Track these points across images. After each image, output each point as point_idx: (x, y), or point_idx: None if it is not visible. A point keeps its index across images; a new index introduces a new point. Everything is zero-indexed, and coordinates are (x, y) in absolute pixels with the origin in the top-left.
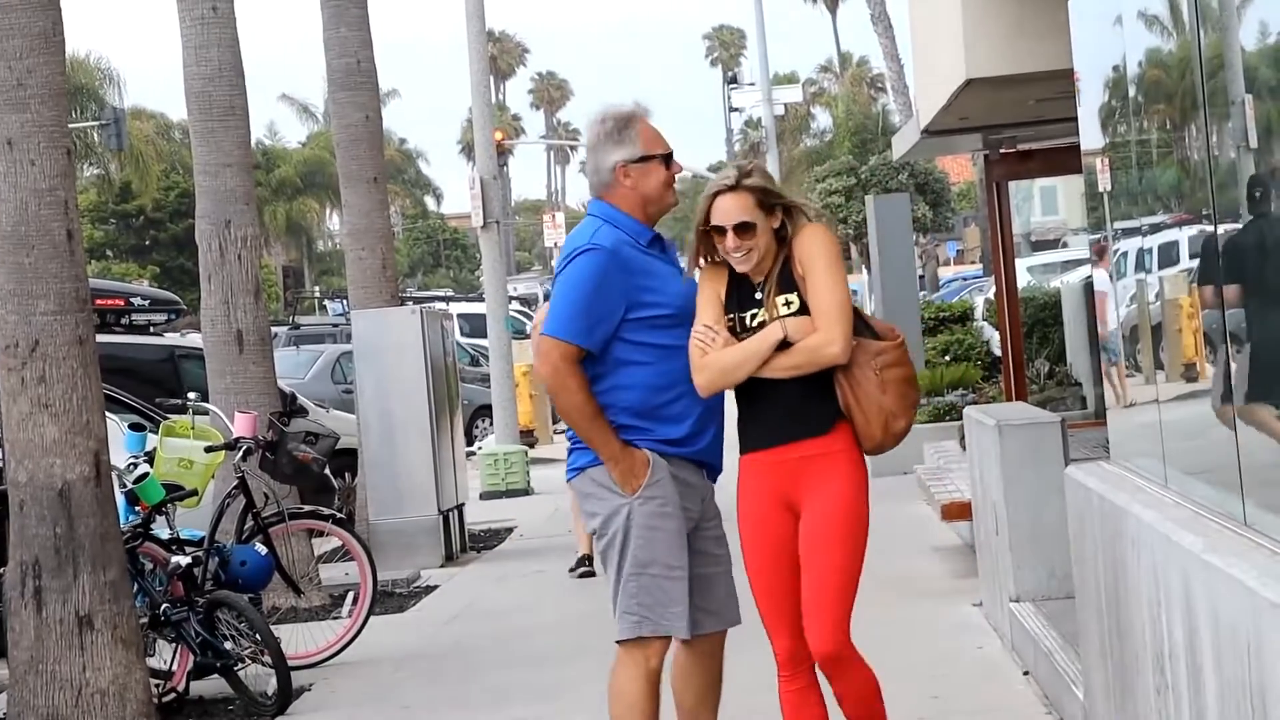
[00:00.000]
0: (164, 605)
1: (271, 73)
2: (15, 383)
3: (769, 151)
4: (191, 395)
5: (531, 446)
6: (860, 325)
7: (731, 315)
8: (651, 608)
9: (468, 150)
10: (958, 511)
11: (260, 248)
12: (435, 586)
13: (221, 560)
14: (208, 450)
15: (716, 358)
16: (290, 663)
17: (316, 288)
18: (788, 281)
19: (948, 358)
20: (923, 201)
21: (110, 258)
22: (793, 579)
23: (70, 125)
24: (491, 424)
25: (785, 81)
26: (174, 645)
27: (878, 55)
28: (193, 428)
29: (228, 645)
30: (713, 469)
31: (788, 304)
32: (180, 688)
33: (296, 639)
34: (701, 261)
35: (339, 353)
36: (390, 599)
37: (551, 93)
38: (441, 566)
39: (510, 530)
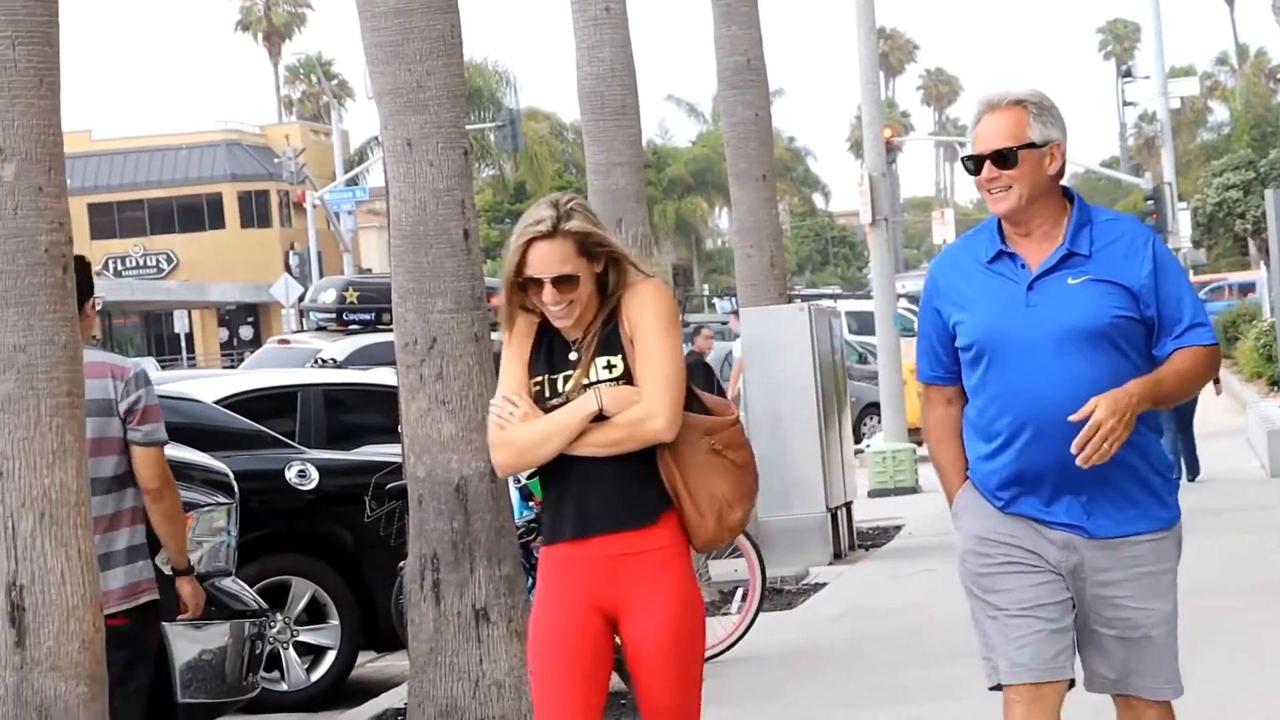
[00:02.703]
0: None
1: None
2: (414, 379)
3: (1164, 146)
4: None
5: (920, 444)
6: (690, 399)
7: (539, 378)
8: None
9: (856, 147)
10: None
11: (650, 246)
12: (823, 584)
13: None
14: None
15: (517, 432)
16: None
17: (705, 286)
18: (612, 342)
19: None
20: None
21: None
22: (590, 694)
23: (468, 127)
24: (879, 421)
25: (1181, 74)
26: None
27: (1278, 46)
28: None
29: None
30: None
31: (609, 368)
32: None
33: None
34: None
35: (727, 350)
36: (779, 596)
37: (940, 89)
38: (830, 564)
39: (899, 528)
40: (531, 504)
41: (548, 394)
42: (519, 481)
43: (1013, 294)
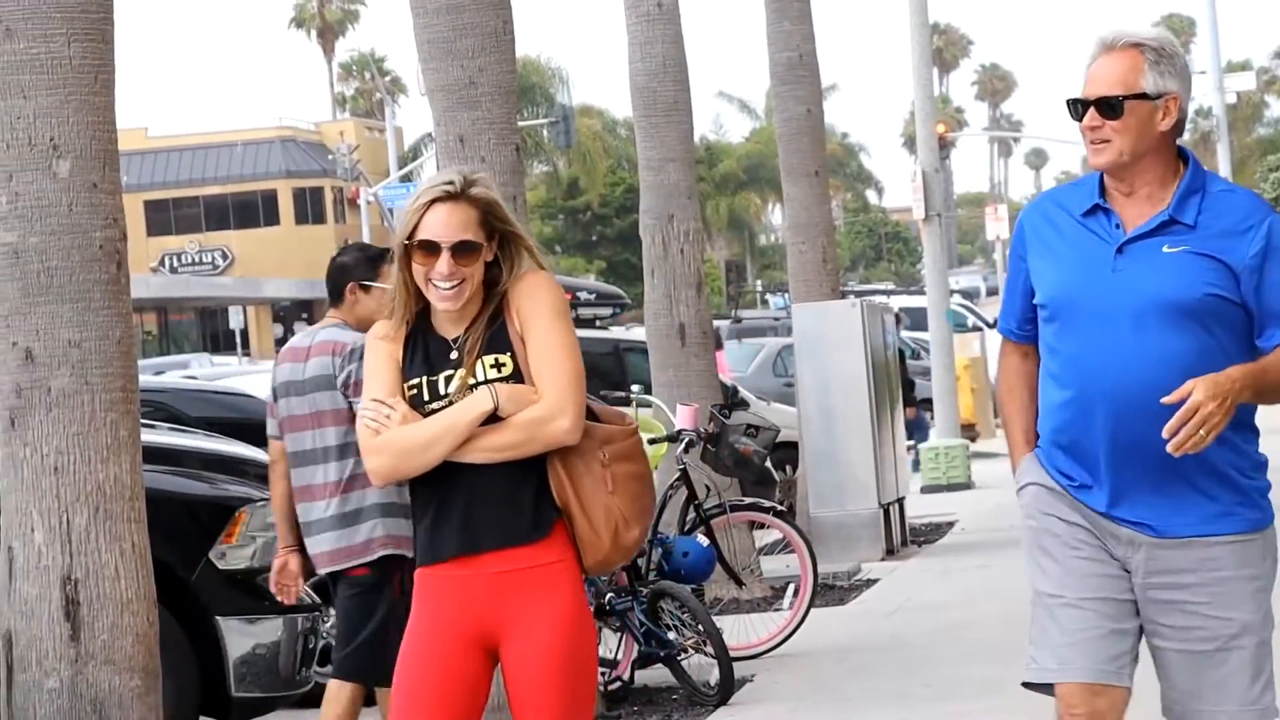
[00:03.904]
0: (609, 595)
1: (710, 69)
2: None
3: (1220, 141)
4: (635, 388)
5: (973, 440)
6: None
7: (416, 381)
8: None
9: (909, 143)
10: None
11: (702, 242)
12: (876, 580)
13: (664, 551)
14: (651, 442)
15: (397, 435)
16: (732, 653)
17: (758, 282)
18: (500, 340)
19: None
20: None
21: (558, 253)
22: None
23: (521, 123)
24: (932, 417)
25: (1237, 69)
26: (619, 635)
27: None
28: (636, 420)
29: (671, 635)
30: None
31: (498, 367)
32: (625, 676)
33: (738, 630)
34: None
35: (780, 346)
36: (831, 591)
37: (995, 84)
38: (882, 560)
39: (951, 524)
40: None
41: (427, 397)
42: None
43: (1100, 254)
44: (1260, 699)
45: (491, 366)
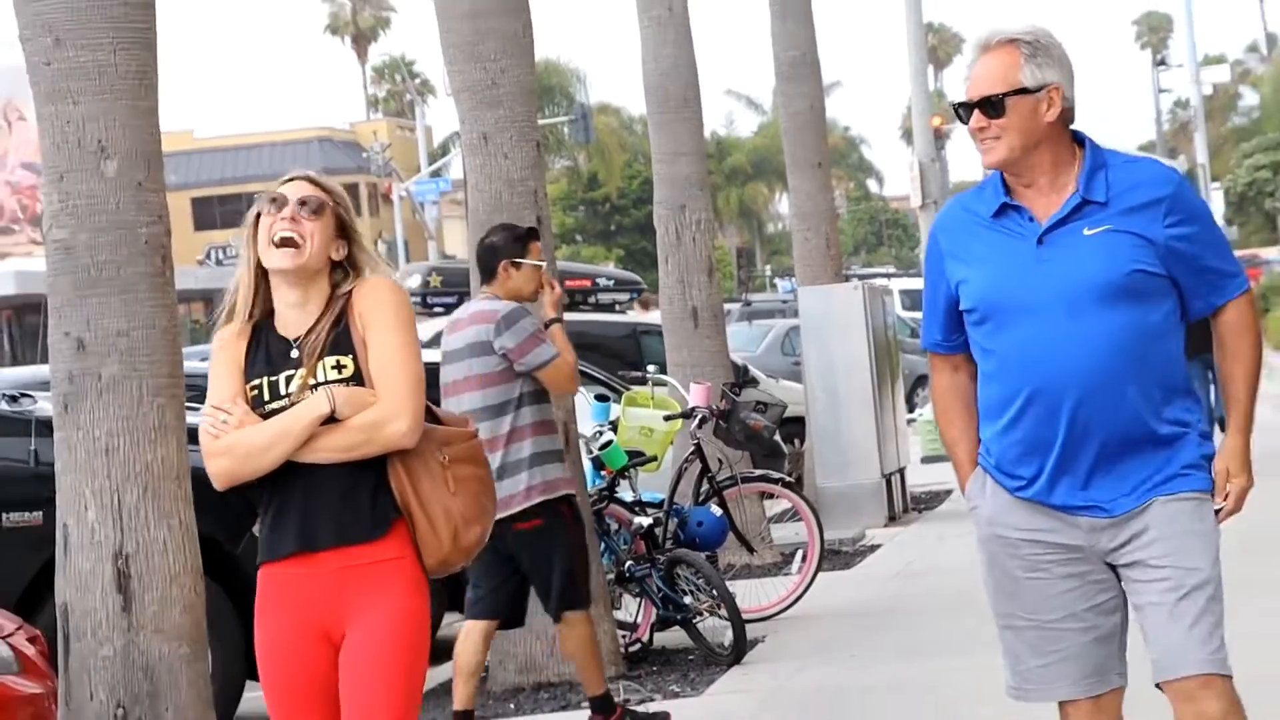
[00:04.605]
0: (628, 563)
1: (719, 68)
2: None
3: (1198, 130)
4: (651, 368)
5: None
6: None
7: (257, 381)
8: None
9: (907, 135)
10: None
11: (713, 230)
12: (878, 545)
13: (680, 521)
14: (666, 419)
15: (238, 439)
16: (744, 616)
17: (767, 267)
18: (342, 342)
19: None
20: None
21: (579, 242)
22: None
23: (541, 121)
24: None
25: (1213, 62)
26: (638, 599)
27: None
28: (652, 398)
29: (687, 600)
30: None
31: (339, 368)
32: (644, 638)
33: (750, 594)
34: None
35: (788, 327)
36: (836, 557)
37: None
38: (884, 526)
39: (949, 492)
40: (603, 474)
41: (267, 397)
42: (591, 453)
43: (1021, 249)
44: (1221, 649)
45: (333, 368)
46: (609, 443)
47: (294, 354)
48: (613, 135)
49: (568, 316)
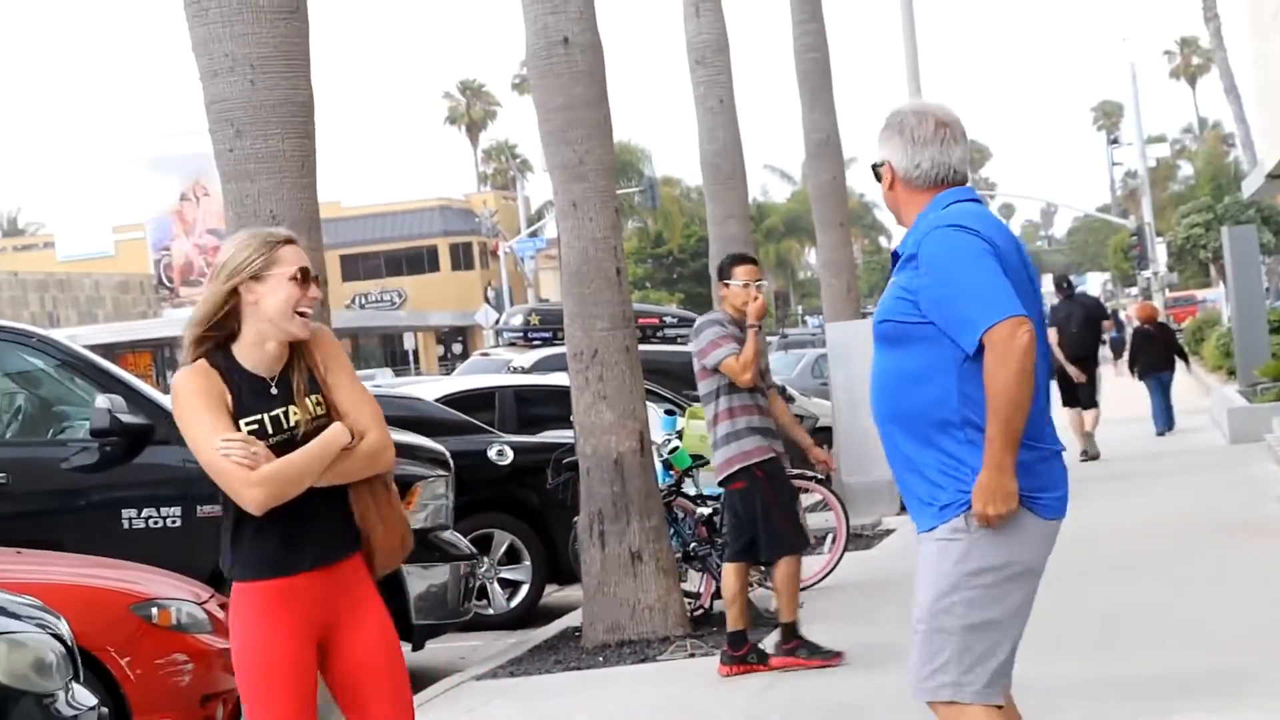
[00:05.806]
0: (693, 544)
1: (759, 145)
2: (581, 381)
3: (1144, 195)
4: None
5: None
6: None
7: (258, 417)
8: None
9: None
10: None
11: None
12: (893, 529)
13: None
14: None
15: (281, 467)
16: None
17: (799, 307)
18: (314, 383)
19: None
20: (1267, 231)
21: (648, 288)
22: None
23: (618, 191)
24: None
25: (1156, 141)
26: (701, 574)
27: (1229, 119)
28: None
29: None
30: None
31: (321, 404)
32: (706, 605)
33: None
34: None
35: (817, 355)
36: (859, 540)
37: (974, 155)
38: (897, 515)
39: None
40: (671, 473)
41: (270, 431)
42: (661, 455)
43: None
44: (930, 678)
45: (316, 404)
46: (676, 448)
47: (274, 391)
48: (674, 202)
49: (641, 348)
